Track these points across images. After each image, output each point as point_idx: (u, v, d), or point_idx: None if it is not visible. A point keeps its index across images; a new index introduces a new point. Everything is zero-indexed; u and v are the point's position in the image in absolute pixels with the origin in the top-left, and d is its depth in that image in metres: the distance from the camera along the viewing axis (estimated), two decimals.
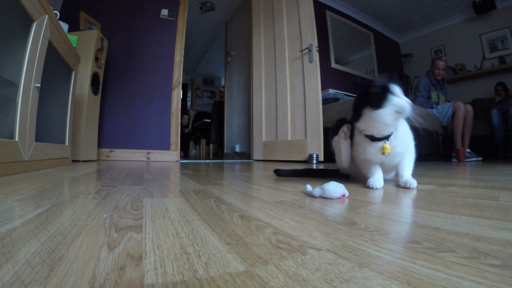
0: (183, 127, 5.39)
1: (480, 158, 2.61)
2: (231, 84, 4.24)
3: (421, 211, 0.47)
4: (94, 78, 2.20)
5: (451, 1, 3.87)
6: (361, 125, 0.77)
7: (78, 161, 2.04)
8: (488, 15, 3.82)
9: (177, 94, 2.89)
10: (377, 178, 0.78)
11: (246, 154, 3.56)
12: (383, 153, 0.75)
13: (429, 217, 0.42)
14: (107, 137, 2.65)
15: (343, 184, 0.63)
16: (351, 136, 0.87)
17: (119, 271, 0.23)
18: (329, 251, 0.28)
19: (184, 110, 5.15)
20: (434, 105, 2.88)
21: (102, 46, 2.30)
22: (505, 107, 3.09)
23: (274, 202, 0.56)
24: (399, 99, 0.70)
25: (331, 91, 3.26)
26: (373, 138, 0.75)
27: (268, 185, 0.86)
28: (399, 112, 0.70)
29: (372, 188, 0.75)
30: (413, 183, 0.75)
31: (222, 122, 4.38)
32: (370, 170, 0.81)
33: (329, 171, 1.07)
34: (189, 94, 7.63)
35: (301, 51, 2.56)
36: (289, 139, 2.67)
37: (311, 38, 2.46)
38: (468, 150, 2.60)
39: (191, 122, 5.75)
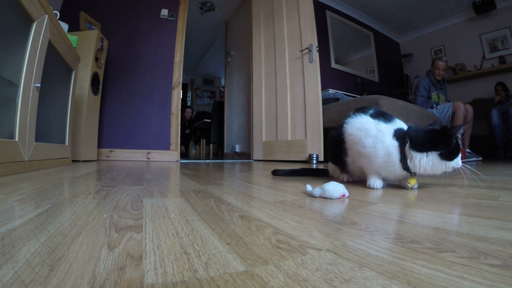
0: (185, 121, 5.34)
1: (480, 158, 2.61)
2: (231, 84, 4.24)
3: (421, 211, 0.47)
4: (94, 78, 2.20)
5: (451, 1, 3.87)
6: (415, 155, 0.69)
7: (78, 161, 2.04)
8: (488, 15, 3.82)
9: (177, 94, 2.88)
10: (378, 179, 0.78)
11: (246, 154, 3.56)
12: (408, 183, 0.73)
13: (429, 217, 0.42)
14: (107, 137, 2.65)
15: (343, 184, 0.63)
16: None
17: (119, 271, 0.23)
18: (329, 251, 0.28)
19: (184, 109, 5.20)
20: (434, 105, 2.88)
21: (102, 46, 2.30)
22: (505, 107, 3.09)
23: (274, 202, 0.56)
24: (459, 160, 0.68)
25: (331, 91, 3.26)
26: (408, 169, 0.71)
27: (268, 185, 0.86)
28: (453, 168, 0.68)
29: (373, 188, 0.75)
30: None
31: (222, 122, 4.38)
32: (373, 173, 0.79)
33: (326, 170, 1.07)
34: (189, 94, 7.63)
35: (301, 51, 2.55)
36: (289, 139, 2.67)
37: (311, 38, 2.46)
38: (468, 150, 2.60)
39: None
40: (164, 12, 2.93)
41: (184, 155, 5.39)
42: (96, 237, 0.31)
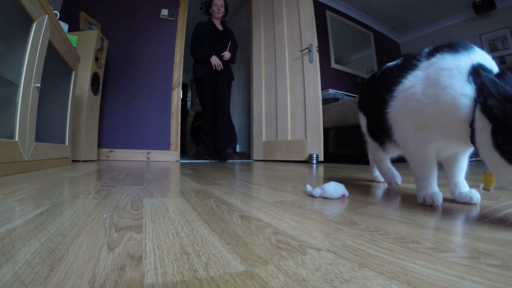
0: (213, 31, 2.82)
1: (480, 158, 2.61)
2: None
3: (421, 211, 0.47)
4: (94, 78, 2.19)
5: (451, 1, 3.87)
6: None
7: (78, 161, 2.03)
8: (488, 15, 3.82)
9: (177, 94, 2.89)
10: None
11: (246, 154, 3.56)
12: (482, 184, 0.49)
13: (429, 217, 0.42)
14: (107, 137, 2.65)
15: (343, 184, 0.63)
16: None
17: (119, 271, 0.23)
18: (329, 251, 0.28)
19: (184, 110, 4.04)
20: None
21: (102, 46, 2.30)
22: None
23: (274, 202, 0.56)
24: None
25: (331, 91, 3.26)
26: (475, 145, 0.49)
27: (268, 185, 0.86)
28: None
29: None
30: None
31: None
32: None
33: None
34: (189, 94, 7.62)
35: (301, 51, 2.55)
36: (289, 139, 2.67)
37: (311, 38, 2.46)
38: None
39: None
40: (164, 12, 2.93)
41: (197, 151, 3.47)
42: (96, 237, 0.31)
